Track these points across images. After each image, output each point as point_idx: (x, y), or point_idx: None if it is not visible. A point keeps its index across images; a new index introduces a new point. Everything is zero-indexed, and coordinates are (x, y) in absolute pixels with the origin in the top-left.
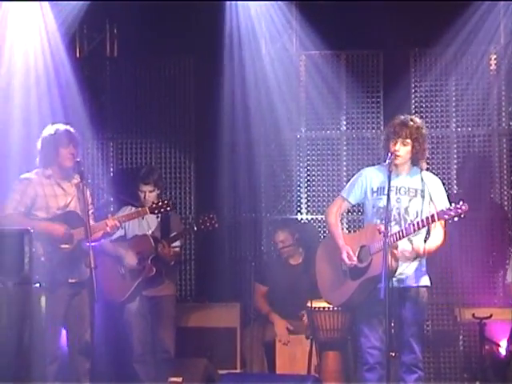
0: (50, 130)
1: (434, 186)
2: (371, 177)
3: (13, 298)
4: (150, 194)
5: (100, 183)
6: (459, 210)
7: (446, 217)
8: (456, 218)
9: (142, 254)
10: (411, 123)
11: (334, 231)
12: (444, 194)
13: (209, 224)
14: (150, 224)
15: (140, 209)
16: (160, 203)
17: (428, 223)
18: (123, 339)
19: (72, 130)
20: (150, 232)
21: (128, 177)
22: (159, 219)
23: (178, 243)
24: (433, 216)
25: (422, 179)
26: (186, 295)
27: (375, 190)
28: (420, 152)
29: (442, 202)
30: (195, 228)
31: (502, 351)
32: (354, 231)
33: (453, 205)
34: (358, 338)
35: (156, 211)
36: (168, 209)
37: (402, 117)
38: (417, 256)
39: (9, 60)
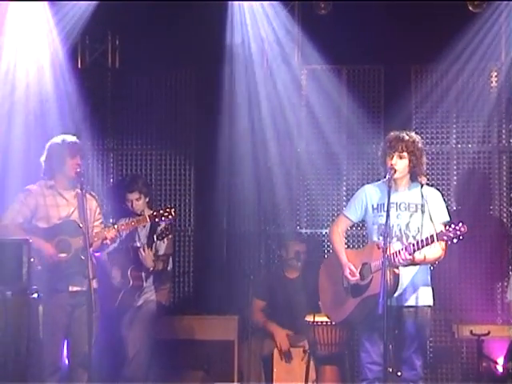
0: (57, 140)
1: (434, 200)
2: (371, 194)
3: (11, 308)
4: (136, 202)
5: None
6: (458, 232)
7: (445, 238)
8: (455, 240)
9: (123, 267)
10: (406, 137)
11: (337, 248)
12: (444, 209)
13: (163, 217)
14: (140, 235)
15: (140, 217)
16: (161, 211)
17: (428, 243)
18: (120, 350)
19: (79, 141)
20: (140, 244)
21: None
22: (148, 228)
23: (163, 251)
24: (432, 237)
25: (421, 194)
26: (183, 307)
27: (375, 206)
28: (418, 166)
29: (441, 217)
30: (148, 220)
31: (500, 368)
32: (354, 246)
33: (452, 226)
34: (359, 352)
35: (156, 219)
36: (170, 217)
37: (397, 132)
38: (410, 263)
39: (10, 70)
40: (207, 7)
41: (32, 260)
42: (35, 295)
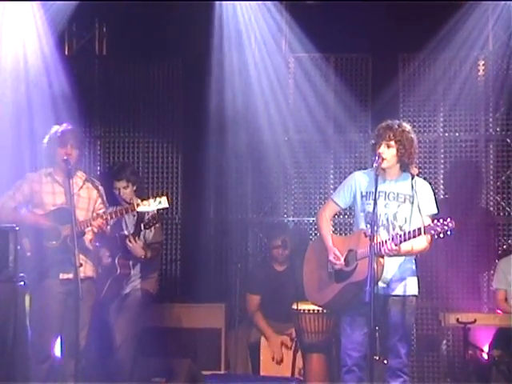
0: (53, 129)
1: (424, 192)
2: (360, 181)
3: None
4: (124, 190)
5: None
6: (445, 227)
7: (433, 232)
8: (442, 235)
9: (111, 254)
10: (396, 126)
11: (323, 233)
12: (433, 201)
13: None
14: (127, 223)
15: (128, 205)
16: (151, 199)
17: (415, 236)
18: (107, 338)
19: (73, 130)
20: (127, 232)
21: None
22: (135, 216)
23: (151, 239)
24: (419, 229)
25: (411, 185)
26: (170, 295)
27: (364, 194)
28: (406, 156)
29: (429, 209)
30: (136, 208)
31: (485, 356)
32: (341, 234)
33: (441, 220)
34: (340, 338)
35: (144, 209)
36: (160, 206)
37: (389, 121)
38: (395, 254)
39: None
40: None
41: (19, 247)
42: (22, 283)
